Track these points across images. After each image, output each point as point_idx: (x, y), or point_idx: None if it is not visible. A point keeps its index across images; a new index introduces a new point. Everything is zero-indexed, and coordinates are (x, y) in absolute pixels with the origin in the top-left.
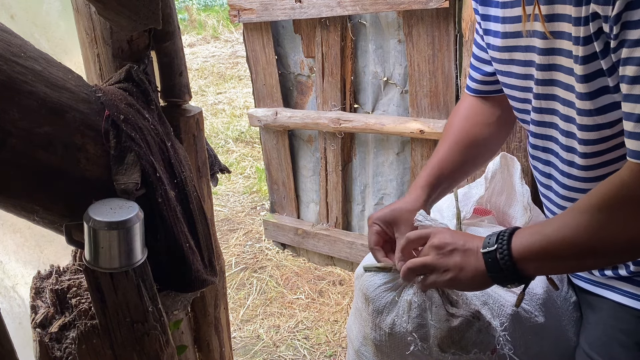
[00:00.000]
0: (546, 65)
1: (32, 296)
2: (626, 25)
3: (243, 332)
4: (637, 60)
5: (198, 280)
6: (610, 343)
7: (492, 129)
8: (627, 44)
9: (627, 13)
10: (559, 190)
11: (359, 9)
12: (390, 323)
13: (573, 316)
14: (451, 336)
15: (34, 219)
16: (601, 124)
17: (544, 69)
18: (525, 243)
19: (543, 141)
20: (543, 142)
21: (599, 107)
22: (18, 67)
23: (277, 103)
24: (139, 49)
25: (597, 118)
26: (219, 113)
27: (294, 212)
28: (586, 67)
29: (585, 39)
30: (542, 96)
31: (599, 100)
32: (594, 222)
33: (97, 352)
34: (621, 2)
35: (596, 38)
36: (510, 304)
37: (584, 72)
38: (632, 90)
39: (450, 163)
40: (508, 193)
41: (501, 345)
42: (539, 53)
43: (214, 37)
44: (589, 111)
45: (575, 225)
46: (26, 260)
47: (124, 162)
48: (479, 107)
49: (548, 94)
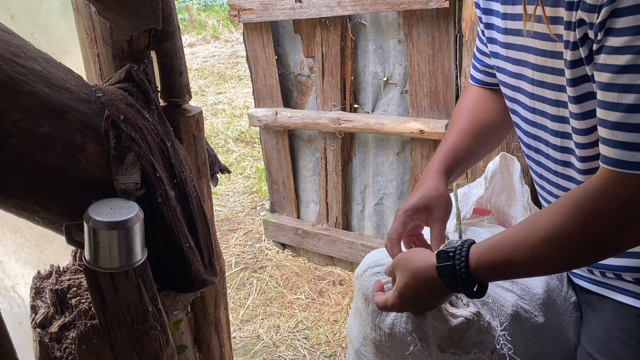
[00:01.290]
0: (541, 67)
1: (32, 296)
2: (608, 32)
3: (243, 332)
4: (613, 67)
5: (198, 280)
6: (612, 342)
7: (500, 116)
8: (605, 50)
9: (611, 20)
10: (552, 191)
11: (359, 9)
12: (390, 323)
13: (573, 316)
14: (451, 336)
15: (34, 219)
16: (589, 129)
17: (539, 70)
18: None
19: (535, 141)
20: (535, 142)
21: (585, 111)
22: (18, 67)
23: (277, 103)
24: (139, 49)
25: (583, 123)
26: (219, 113)
27: (294, 212)
28: (573, 72)
29: (573, 43)
30: (535, 97)
31: (585, 105)
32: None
33: (97, 352)
34: (606, 10)
35: (582, 44)
36: (510, 304)
37: (572, 76)
38: (605, 97)
39: (463, 149)
40: (508, 193)
41: (501, 345)
42: (536, 54)
43: (214, 37)
44: (577, 115)
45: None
46: (26, 260)
47: (124, 162)
48: (486, 95)
49: (540, 96)
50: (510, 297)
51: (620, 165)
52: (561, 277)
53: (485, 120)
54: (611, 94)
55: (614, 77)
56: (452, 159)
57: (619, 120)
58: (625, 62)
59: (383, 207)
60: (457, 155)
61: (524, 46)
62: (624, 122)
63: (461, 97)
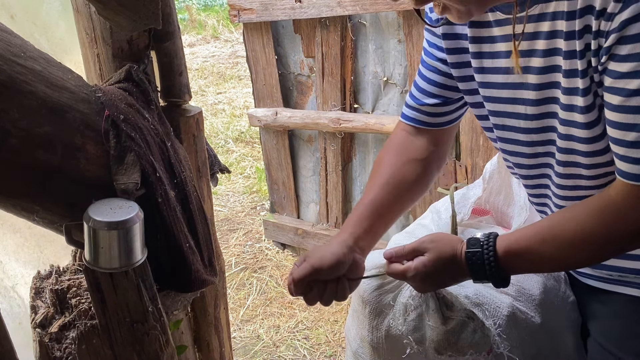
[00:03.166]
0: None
1: (32, 296)
2: (613, 58)
3: (243, 332)
4: (625, 91)
5: (198, 280)
6: (628, 335)
7: (423, 166)
8: (614, 75)
9: (615, 47)
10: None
11: (359, 9)
12: (386, 326)
13: (571, 316)
14: (447, 338)
15: (34, 219)
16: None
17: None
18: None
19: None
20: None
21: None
22: (18, 67)
23: (277, 103)
24: (139, 49)
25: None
26: (219, 113)
27: (294, 212)
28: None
29: (582, 71)
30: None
31: (597, 129)
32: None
33: (97, 352)
34: (614, 37)
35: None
36: (505, 305)
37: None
38: (619, 118)
39: (381, 202)
40: (506, 193)
41: (497, 345)
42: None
43: (214, 37)
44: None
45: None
46: (26, 260)
47: (124, 162)
48: (410, 142)
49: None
50: (505, 299)
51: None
52: (558, 277)
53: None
54: (625, 115)
55: (626, 100)
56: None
57: (636, 139)
58: (636, 86)
59: None
60: (377, 210)
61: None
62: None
63: (388, 140)
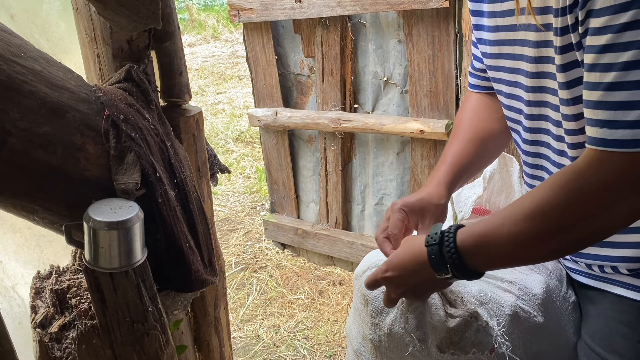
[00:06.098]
0: (538, 58)
1: (32, 296)
2: (590, 14)
3: (243, 332)
4: (596, 48)
5: (198, 280)
6: (612, 335)
7: (502, 123)
8: (590, 32)
9: (591, 2)
10: None
11: (359, 9)
12: (388, 324)
13: (572, 316)
14: (450, 337)
15: (34, 219)
16: (579, 114)
17: (536, 62)
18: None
19: (536, 134)
20: (536, 135)
21: (576, 96)
22: (18, 67)
23: (277, 103)
24: (139, 49)
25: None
26: (219, 113)
27: (294, 212)
28: (563, 57)
29: (561, 29)
30: (533, 89)
31: (576, 90)
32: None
33: (97, 352)
34: None
35: (573, 30)
36: (508, 304)
37: (561, 62)
38: (588, 77)
39: (466, 159)
40: (507, 193)
41: (499, 344)
42: (533, 46)
43: (214, 37)
44: (567, 100)
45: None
46: (26, 260)
47: (124, 162)
48: (485, 102)
49: (539, 87)
50: (509, 298)
51: (601, 143)
52: (560, 277)
53: (487, 129)
54: (594, 74)
55: (597, 58)
56: (456, 170)
57: (599, 99)
58: (605, 41)
59: (383, 207)
60: (461, 165)
61: (520, 40)
62: (604, 101)
63: (461, 105)
